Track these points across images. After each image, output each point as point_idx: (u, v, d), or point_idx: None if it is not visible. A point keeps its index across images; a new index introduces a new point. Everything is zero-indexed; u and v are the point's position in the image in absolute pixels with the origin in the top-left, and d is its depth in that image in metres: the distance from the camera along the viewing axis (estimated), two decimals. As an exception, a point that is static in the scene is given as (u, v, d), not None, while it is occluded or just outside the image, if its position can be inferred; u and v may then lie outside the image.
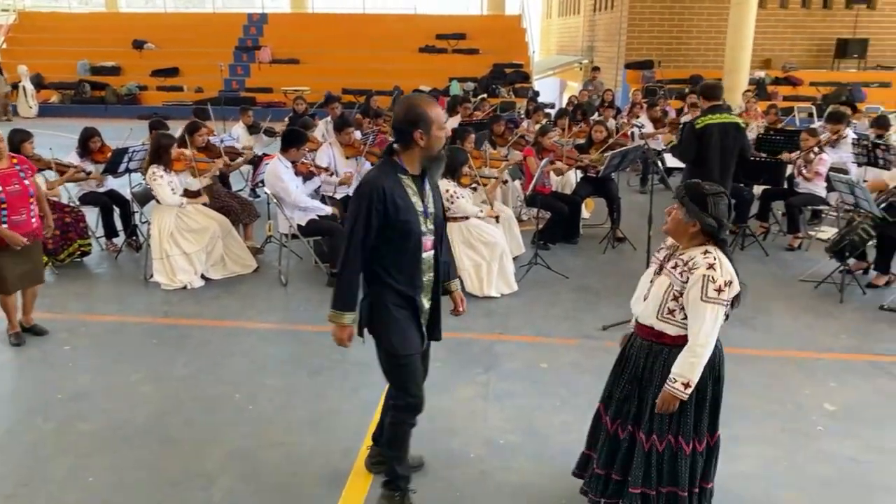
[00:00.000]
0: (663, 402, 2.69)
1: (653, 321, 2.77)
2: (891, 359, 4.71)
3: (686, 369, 2.62)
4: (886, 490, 3.33)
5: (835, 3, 18.25)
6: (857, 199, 5.75)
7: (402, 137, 2.77)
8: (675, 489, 2.78)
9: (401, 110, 2.76)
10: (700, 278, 2.59)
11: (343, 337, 2.92)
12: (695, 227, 2.66)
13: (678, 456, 2.76)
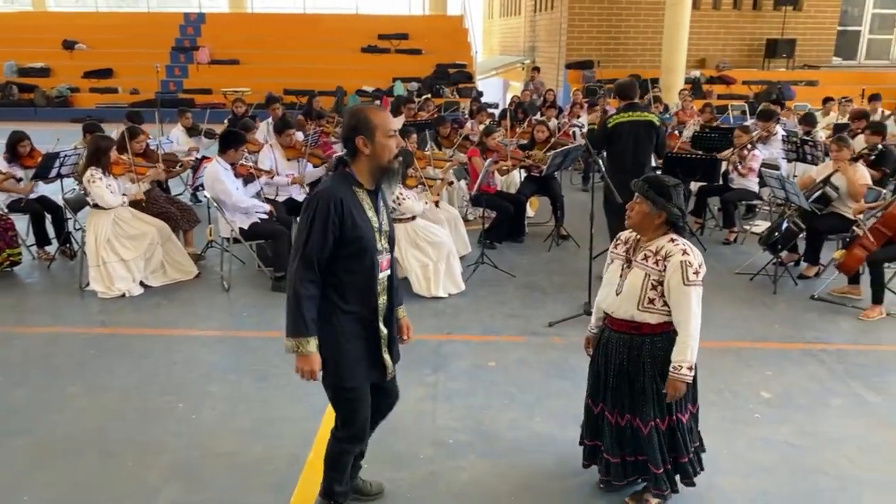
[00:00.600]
0: (674, 389, 2.84)
1: (633, 313, 2.90)
2: (821, 346, 4.92)
3: (687, 354, 2.81)
4: (820, 472, 3.47)
5: (764, 5, 18.93)
6: (788, 193, 5.98)
7: (347, 147, 2.65)
8: (678, 456, 3.02)
9: (346, 119, 2.66)
10: (679, 265, 2.77)
11: (313, 369, 2.62)
12: (660, 218, 2.85)
13: (677, 429, 2.98)
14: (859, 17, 20.04)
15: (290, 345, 2.60)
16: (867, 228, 5.49)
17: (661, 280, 2.81)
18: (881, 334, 5.16)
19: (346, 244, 2.57)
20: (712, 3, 18.84)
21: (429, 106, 11.11)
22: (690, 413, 3.06)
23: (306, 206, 2.60)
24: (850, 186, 5.92)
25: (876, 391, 4.29)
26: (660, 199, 2.83)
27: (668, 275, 2.80)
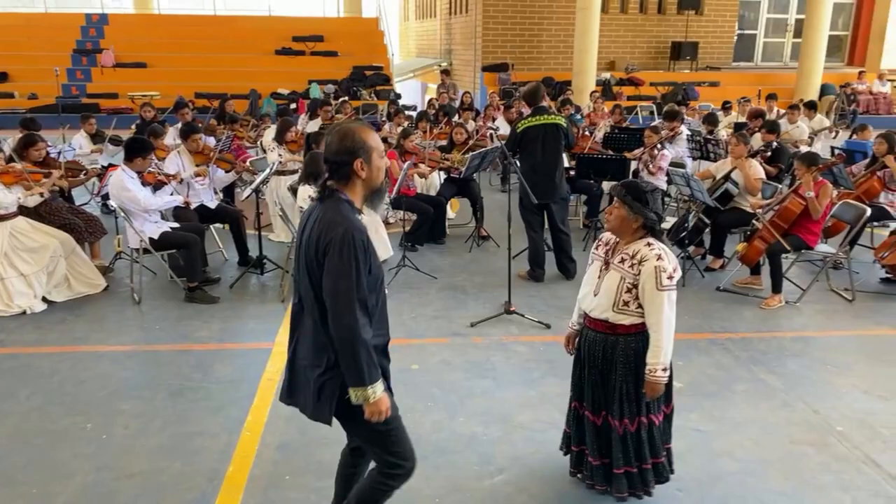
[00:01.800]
0: (652, 390, 2.93)
1: (608, 314, 2.98)
2: (727, 335, 5.17)
3: (660, 356, 2.90)
4: (728, 455, 3.65)
5: (668, 9, 19.75)
6: (693, 190, 6.26)
7: (339, 171, 2.39)
8: (652, 459, 3.10)
9: (335, 140, 2.40)
10: (653, 270, 2.84)
11: (387, 407, 2.44)
12: (637, 223, 2.92)
13: (651, 430, 3.06)
14: (755, 22, 21.21)
15: (363, 395, 2.36)
16: (766, 222, 5.82)
17: (635, 283, 2.89)
18: (781, 321, 5.48)
19: (371, 276, 2.39)
20: (620, 7, 19.51)
21: (346, 108, 11.03)
22: (664, 414, 3.14)
23: (341, 245, 2.28)
24: (746, 182, 6.26)
25: (777, 375, 4.54)
26: (636, 203, 2.90)
27: (642, 279, 2.87)
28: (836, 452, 3.69)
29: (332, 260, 2.29)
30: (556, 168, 6.16)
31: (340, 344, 2.33)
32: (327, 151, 2.42)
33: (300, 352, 2.53)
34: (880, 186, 6.70)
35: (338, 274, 2.29)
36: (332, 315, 2.32)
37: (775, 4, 21.15)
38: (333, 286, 2.30)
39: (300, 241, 2.47)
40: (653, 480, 3.13)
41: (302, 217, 2.55)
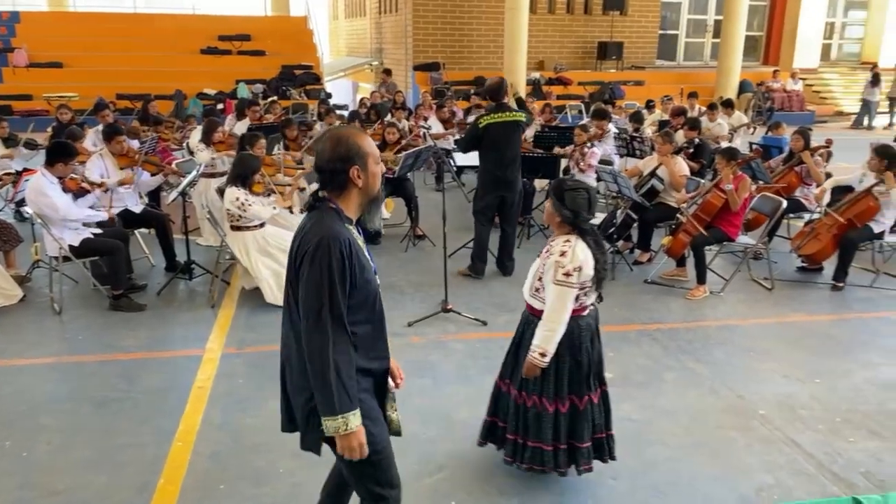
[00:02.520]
0: (526, 368, 3.11)
1: (528, 297, 3.23)
2: (656, 326, 5.34)
3: (541, 341, 3.05)
4: (660, 443, 3.77)
5: (594, 9, 20.22)
6: (620, 187, 6.43)
7: (334, 179, 2.23)
8: (540, 444, 3.19)
9: (329, 146, 2.23)
10: (553, 264, 3.01)
11: (361, 443, 2.20)
12: (559, 218, 3.07)
13: (542, 415, 3.16)
14: (677, 22, 21.95)
15: (333, 425, 2.14)
16: (689, 216, 6.03)
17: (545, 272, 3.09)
18: (706, 311, 5.69)
19: (357, 291, 2.20)
20: (547, 7, 19.85)
21: (275, 108, 10.83)
22: (573, 405, 3.20)
23: (313, 255, 2.11)
24: (671, 178, 6.47)
25: (703, 363, 4.72)
26: (556, 200, 3.06)
27: (545, 270, 3.06)
28: (760, 435, 3.86)
29: (305, 271, 2.13)
30: (516, 165, 6.25)
31: (310, 366, 2.14)
32: (319, 160, 2.25)
33: (287, 376, 2.34)
34: (798, 181, 7.05)
35: (309, 287, 2.12)
36: (304, 333, 2.15)
37: (695, 6, 21.93)
38: (304, 301, 2.14)
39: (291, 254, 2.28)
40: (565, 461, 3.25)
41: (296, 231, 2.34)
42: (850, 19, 23.34)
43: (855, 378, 4.54)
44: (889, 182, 5.90)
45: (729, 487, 3.36)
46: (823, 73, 21.45)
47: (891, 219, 6.09)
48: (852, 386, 4.43)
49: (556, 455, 3.21)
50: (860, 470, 3.52)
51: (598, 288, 3.13)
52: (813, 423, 3.98)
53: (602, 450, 3.31)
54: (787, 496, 3.27)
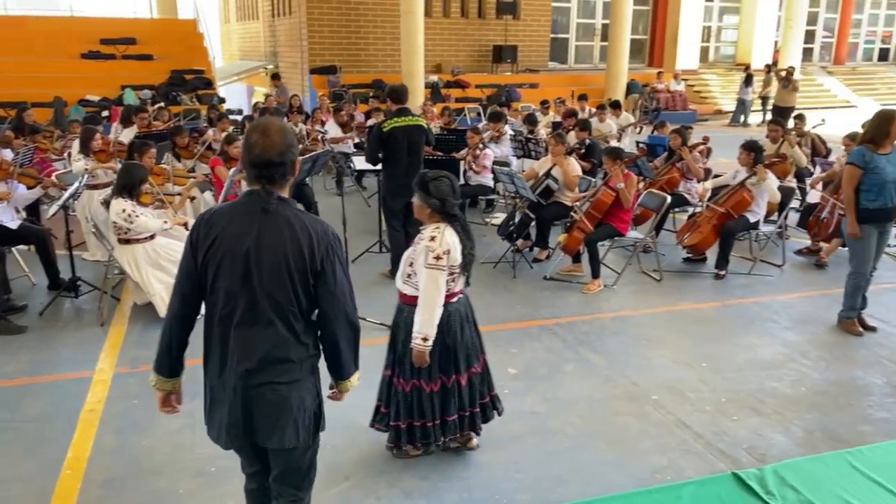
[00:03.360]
0: (415, 357, 3.25)
1: (399, 285, 3.36)
2: (555, 321, 5.51)
3: (421, 326, 3.20)
4: (560, 433, 3.90)
5: (488, 13, 20.60)
6: (517, 187, 6.59)
7: (285, 171, 2.24)
8: (424, 421, 3.40)
9: (278, 138, 2.20)
10: (424, 249, 3.19)
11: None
12: (428, 209, 3.22)
13: (422, 395, 3.36)
14: (567, 26, 22.71)
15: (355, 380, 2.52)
16: (582, 213, 6.27)
17: (416, 259, 3.25)
18: (601, 304, 5.93)
19: None
20: (442, 11, 20.06)
21: (164, 115, 10.41)
22: (443, 385, 3.39)
23: (335, 248, 2.30)
24: (565, 177, 6.71)
25: (600, 354, 4.92)
26: (422, 192, 3.21)
27: (417, 256, 3.24)
28: (654, 419, 4.06)
29: (337, 263, 2.29)
30: (418, 168, 6.20)
31: (350, 337, 2.38)
32: (269, 152, 2.18)
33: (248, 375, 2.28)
34: (680, 176, 7.45)
35: (344, 275, 2.33)
36: (345, 314, 2.33)
37: (584, 10, 22.77)
38: (344, 287, 2.32)
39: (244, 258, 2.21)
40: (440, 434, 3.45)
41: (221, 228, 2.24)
42: (725, 23, 24.93)
43: (737, 360, 4.85)
44: (760, 174, 6.35)
45: (626, 472, 3.52)
46: (703, 74, 22.78)
47: (763, 209, 6.56)
48: (735, 367, 4.74)
49: (433, 430, 3.42)
50: (743, 446, 3.77)
51: (465, 272, 3.34)
52: (701, 404, 4.23)
53: (475, 422, 3.54)
54: (679, 476, 3.45)
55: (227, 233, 2.23)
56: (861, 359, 4.87)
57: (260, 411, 2.31)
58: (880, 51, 27.75)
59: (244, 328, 2.26)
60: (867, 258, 5.08)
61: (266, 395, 2.29)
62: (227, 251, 2.22)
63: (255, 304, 2.23)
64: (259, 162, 2.19)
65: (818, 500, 2.09)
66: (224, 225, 2.24)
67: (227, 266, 2.23)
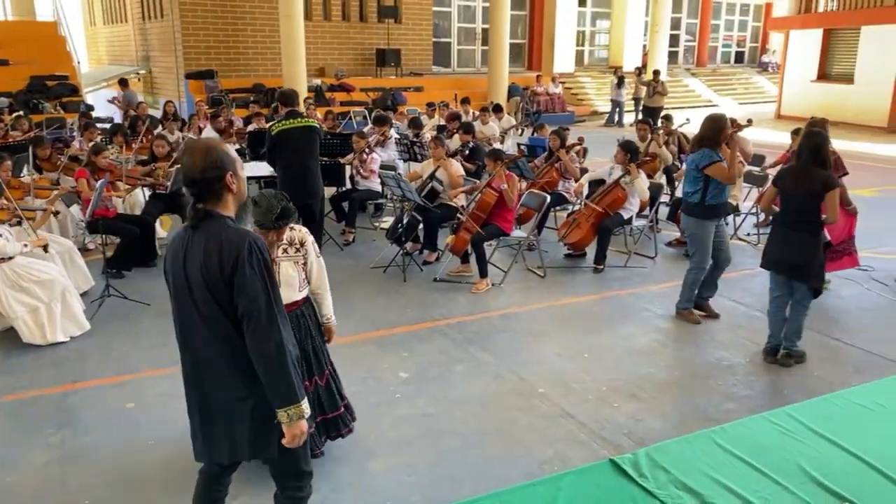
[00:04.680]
0: (331, 336, 3.65)
1: (295, 296, 3.45)
2: (445, 321, 5.57)
3: (329, 307, 3.63)
4: (452, 433, 3.94)
5: (369, 17, 20.55)
6: (404, 191, 6.62)
7: (210, 188, 2.28)
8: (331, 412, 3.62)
9: (199, 157, 2.26)
10: (311, 243, 3.52)
11: (305, 427, 2.36)
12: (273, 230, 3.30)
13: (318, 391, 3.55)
14: (449, 30, 23.04)
15: (295, 412, 2.29)
16: (467, 215, 6.37)
17: (305, 261, 3.48)
18: (489, 302, 6.05)
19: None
20: (323, 14, 19.82)
21: (22, 124, 9.66)
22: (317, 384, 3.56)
23: (248, 258, 2.22)
24: (450, 179, 6.80)
25: (489, 352, 5.02)
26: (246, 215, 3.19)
27: (307, 254, 3.48)
28: (540, 412, 4.19)
29: (244, 274, 2.21)
30: (310, 170, 6.29)
31: (268, 360, 2.24)
32: (191, 171, 2.27)
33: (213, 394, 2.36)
34: (558, 176, 7.74)
35: (252, 288, 2.22)
36: (257, 331, 2.22)
37: (464, 15, 23.18)
38: (254, 301, 2.22)
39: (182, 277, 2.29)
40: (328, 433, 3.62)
41: (169, 249, 2.38)
42: (598, 28, 26.14)
43: (616, 349, 5.10)
44: (633, 173, 6.70)
45: (516, 466, 3.61)
46: (579, 77, 23.76)
47: (636, 205, 6.93)
48: (614, 356, 4.97)
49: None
50: (624, 431, 3.96)
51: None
52: (584, 394, 4.40)
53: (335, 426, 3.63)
54: (565, 465, 3.58)
55: (170, 257, 2.37)
56: (726, 341, 5.25)
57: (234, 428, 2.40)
58: (736, 53, 30.01)
59: (201, 349, 2.34)
60: (708, 253, 5.46)
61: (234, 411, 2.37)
62: (169, 272, 2.38)
63: (202, 322, 2.30)
64: (186, 180, 2.31)
65: (686, 478, 2.23)
66: (171, 250, 2.39)
67: (173, 287, 2.37)
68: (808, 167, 4.58)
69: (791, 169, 4.78)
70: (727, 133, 5.22)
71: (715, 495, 2.15)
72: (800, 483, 2.23)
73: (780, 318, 4.85)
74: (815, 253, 4.62)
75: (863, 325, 5.51)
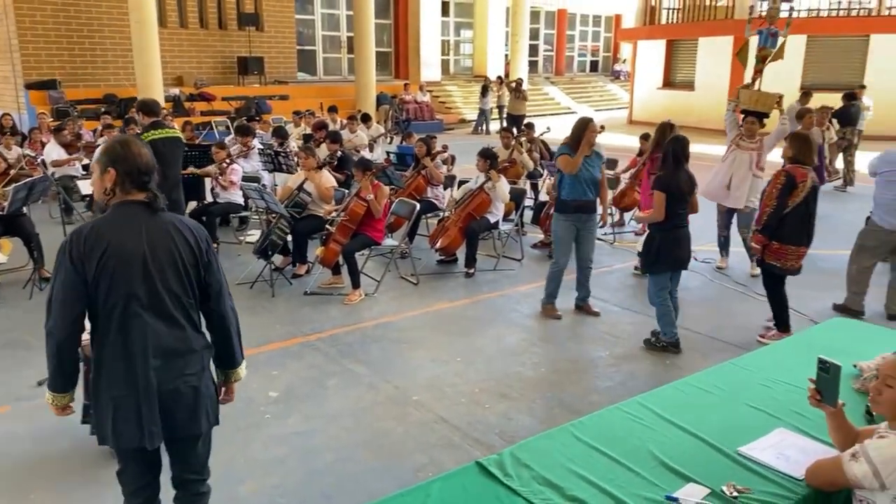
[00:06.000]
0: None
1: None
2: (317, 336, 5.48)
3: None
4: (325, 449, 3.87)
5: (229, 24, 19.89)
6: (268, 203, 6.45)
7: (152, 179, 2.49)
8: None
9: (144, 151, 2.48)
10: None
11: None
12: None
13: None
14: (313, 38, 22.75)
15: (242, 371, 2.78)
16: (337, 225, 6.31)
17: None
18: (362, 313, 6.02)
19: None
20: (179, 21, 18.97)
21: None
22: None
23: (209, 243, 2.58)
24: (318, 190, 6.71)
25: (362, 363, 4.99)
26: None
27: None
28: (415, 419, 4.21)
29: (214, 256, 2.57)
30: (177, 181, 6.16)
31: (234, 325, 2.64)
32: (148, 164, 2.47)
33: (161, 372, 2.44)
34: (425, 183, 7.83)
35: (219, 265, 2.61)
36: (226, 298, 2.61)
37: (328, 23, 22.98)
38: (222, 277, 2.60)
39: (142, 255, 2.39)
40: None
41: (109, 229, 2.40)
42: (462, 37, 26.78)
43: (488, 351, 5.23)
44: (494, 178, 6.91)
45: (390, 476, 3.60)
46: (446, 86, 24.22)
47: (501, 210, 7.15)
48: (486, 358, 5.09)
49: None
50: (495, 431, 4.06)
51: None
52: (457, 398, 4.48)
53: None
54: (440, 471, 3.60)
55: (116, 242, 2.37)
56: (588, 336, 5.53)
57: (177, 405, 2.49)
58: (591, 63, 31.77)
59: (149, 327, 2.41)
60: (567, 249, 5.76)
61: (181, 389, 2.49)
62: (120, 258, 2.36)
63: (158, 304, 2.42)
64: (147, 169, 2.45)
65: (548, 473, 2.32)
66: (111, 236, 2.38)
67: (123, 272, 2.36)
68: (681, 169, 4.95)
69: (673, 173, 4.98)
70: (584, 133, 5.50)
71: (574, 487, 2.25)
72: (650, 467, 2.38)
73: (674, 310, 5.22)
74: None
75: (706, 313, 5.98)
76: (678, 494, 2.25)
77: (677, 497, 2.24)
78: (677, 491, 2.26)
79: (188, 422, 2.52)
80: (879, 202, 5.73)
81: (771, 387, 3.01)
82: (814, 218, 5.11)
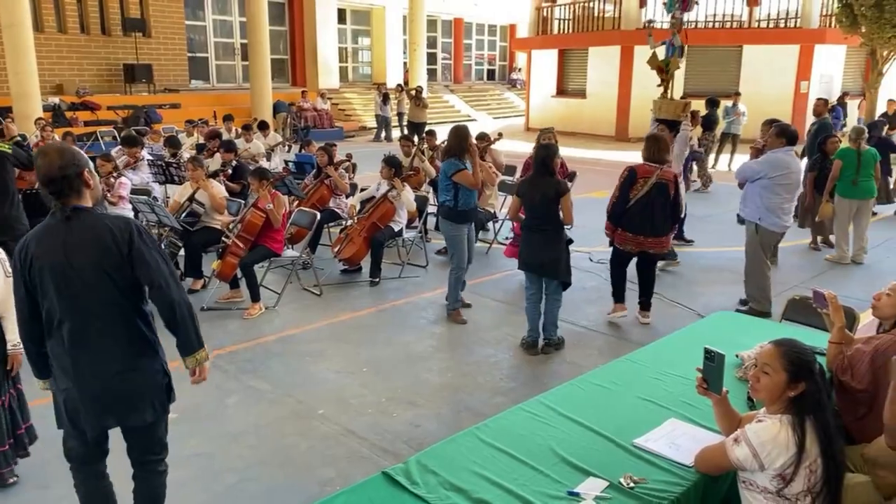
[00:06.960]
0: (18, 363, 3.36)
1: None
2: (216, 352, 5.24)
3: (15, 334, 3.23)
4: (229, 469, 3.74)
5: (113, 30, 18.94)
6: (159, 215, 6.18)
7: (72, 184, 2.50)
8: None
9: (55, 157, 2.48)
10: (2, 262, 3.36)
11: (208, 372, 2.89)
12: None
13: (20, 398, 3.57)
14: (205, 45, 22.01)
15: (201, 356, 2.82)
16: (234, 237, 6.12)
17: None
18: (263, 327, 5.86)
19: None
20: (57, 26, 17.89)
21: None
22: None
23: (140, 234, 2.57)
24: (211, 201, 6.49)
25: (264, 379, 4.86)
26: None
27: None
28: (320, 433, 4.14)
29: (142, 249, 2.54)
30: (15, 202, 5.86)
31: (182, 314, 2.65)
32: (50, 170, 2.46)
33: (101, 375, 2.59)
34: (329, 193, 7.73)
35: (154, 257, 2.58)
36: (168, 293, 2.59)
37: (221, 30, 22.31)
38: (159, 268, 2.58)
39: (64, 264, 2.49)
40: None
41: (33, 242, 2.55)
42: (360, 45, 26.66)
43: (394, 359, 5.21)
44: (398, 186, 6.91)
45: (296, 492, 3.53)
46: (345, 93, 24.03)
47: (405, 217, 7.16)
48: (392, 366, 5.08)
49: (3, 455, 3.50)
50: (403, 439, 4.06)
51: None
52: (364, 408, 4.44)
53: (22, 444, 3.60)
54: (347, 483, 3.55)
55: (39, 251, 2.52)
56: (492, 339, 5.62)
57: (117, 399, 2.64)
58: (488, 71, 32.41)
59: (82, 331, 2.54)
60: (465, 254, 5.90)
61: (121, 386, 2.63)
62: (42, 268, 2.51)
63: (84, 308, 2.53)
64: (45, 180, 2.49)
65: (454, 478, 2.34)
66: (35, 244, 2.53)
67: (49, 281, 2.51)
68: (542, 176, 5.12)
69: (527, 179, 5.36)
70: (470, 142, 5.64)
71: (480, 490, 2.28)
72: (552, 464, 2.45)
73: (536, 312, 5.32)
74: (559, 251, 5.14)
75: (599, 310, 6.22)
76: (579, 489, 2.33)
77: (578, 492, 2.31)
78: (578, 486, 2.34)
79: (131, 413, 2.69)
80: (769, 206, 5.71)
81: (661, 379, 3.17)
82: (659, 210, 5.52)
